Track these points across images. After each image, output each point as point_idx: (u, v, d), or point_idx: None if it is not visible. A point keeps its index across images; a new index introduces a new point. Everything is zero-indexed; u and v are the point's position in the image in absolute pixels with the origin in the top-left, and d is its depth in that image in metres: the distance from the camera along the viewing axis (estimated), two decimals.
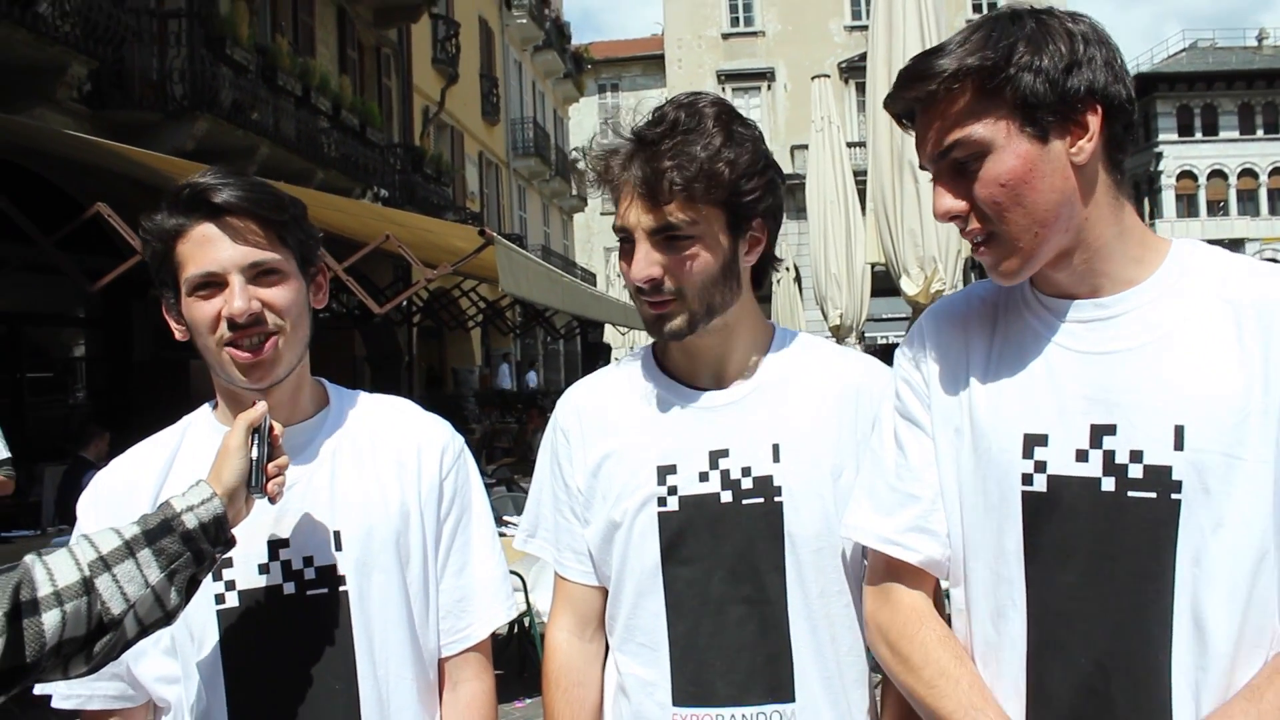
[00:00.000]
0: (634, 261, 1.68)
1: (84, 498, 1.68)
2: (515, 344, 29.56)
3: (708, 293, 1.68)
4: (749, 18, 39.00)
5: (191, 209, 1.57)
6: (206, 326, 1.56)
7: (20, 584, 1.27)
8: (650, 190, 1.63)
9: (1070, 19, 1.41)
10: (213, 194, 1.56)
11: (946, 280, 5.96)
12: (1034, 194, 1.38)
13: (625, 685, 1.77)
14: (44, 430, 12.31)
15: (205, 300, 1.56)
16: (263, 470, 1.49)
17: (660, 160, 1.62)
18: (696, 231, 1.65)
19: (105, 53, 10.77)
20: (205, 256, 1.55)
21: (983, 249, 1.45)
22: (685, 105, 1.68)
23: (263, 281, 1.58)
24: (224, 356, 1.57)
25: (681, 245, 1.65)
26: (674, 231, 1.65)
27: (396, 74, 22.13)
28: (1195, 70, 48.25)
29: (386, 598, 1.65)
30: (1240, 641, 1.33)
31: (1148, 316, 1.42)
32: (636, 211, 1.67)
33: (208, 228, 1.56)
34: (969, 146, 1.39)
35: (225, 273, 1.55)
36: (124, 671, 1.62)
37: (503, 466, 12.81)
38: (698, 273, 1.66)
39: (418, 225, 10.70)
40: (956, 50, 1.40)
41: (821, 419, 1.74)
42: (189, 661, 1.60)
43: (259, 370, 1.58)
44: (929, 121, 1.44)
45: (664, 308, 1.69)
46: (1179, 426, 1.35)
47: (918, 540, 1.56)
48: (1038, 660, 1.43)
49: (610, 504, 1.76)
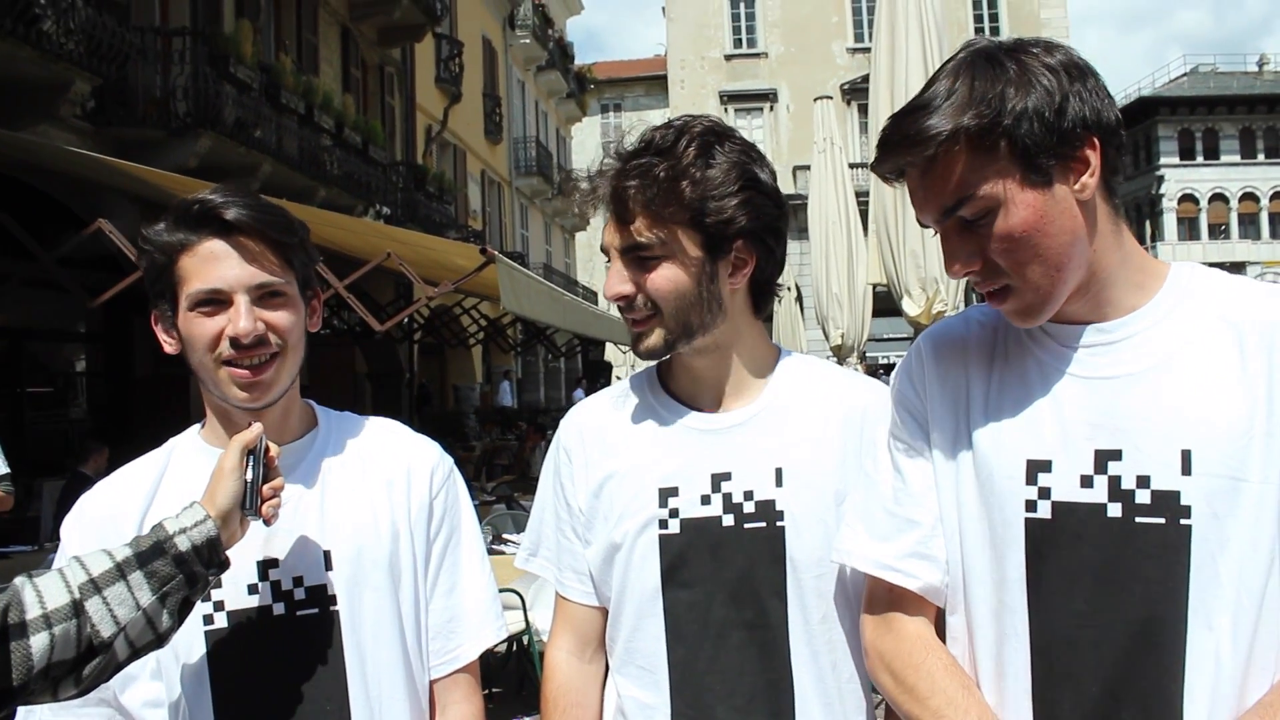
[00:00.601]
0: (608, 278, 1.71)
1: (68, 521, 1.65)
2: (516, 361, 29.56)
3: (683, 312, 1.67)
4: (751, 39, 39.17)
5: (201, 224, 1.55)
6: (206, 344, 1.55)
7: (9, 606, 1.25)
8: (616, 211, 1.66)
9: (1045, 51, 1.38)
10: (224, 211, 1.54)
11: (948, 301, 5.96)
12: (1048, 240, 1.35)
13: (625, 708, 1.75)
14: (44, 445, 12.31)
15: (207, 317, 1.55)
16: (257, 492, 1.47)
17: (624, 179, 1.64)
18: (665, 251, 1.65)
19: (109, 70, 10.81)
20: (211, 273, 1.54)
21: (998, 299, 1.42)
22: (674, 127, 1.69)
23: (268, 303, 1.57)
24: (221, 374, 1.56)
25: (651, 264, 1.66)
26: (642, 251, 1.65)
27: (400, 93, 22.21)
28: (1197, 94, 48.45)
29: (378, 618, 1.64)
30: (1250, 663, 1.31)
31: (1150, 341, 1.40)
32: (610, 231, 1.69)
33: (216, 244, 1.55)
34: (976, 206, 1.36)
35: (231, 291, 1.54)
36: (110, 698, 1.59)
37: (502, 484, 12.79)
38: (669, 292, 1.66)
39: (419, 243, 10.71)
40: (945, 108, 1.35)
41: (825, 443, 1.72)
42: (175, 683, 1.57)
43: (257, 390, 1.56)
44: (928, 184, 1.40)
45: (641, 325, 1.70)
46: (1185, 451, 1.34)
47: (917, 566, 1.53)
48: (1045, 689, 1.40)
49: (611, 525, 1.75)
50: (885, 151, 1.42)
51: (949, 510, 1.52)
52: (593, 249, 42.19)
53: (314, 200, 14.27)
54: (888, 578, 1.54)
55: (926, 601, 1.54)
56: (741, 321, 1.76)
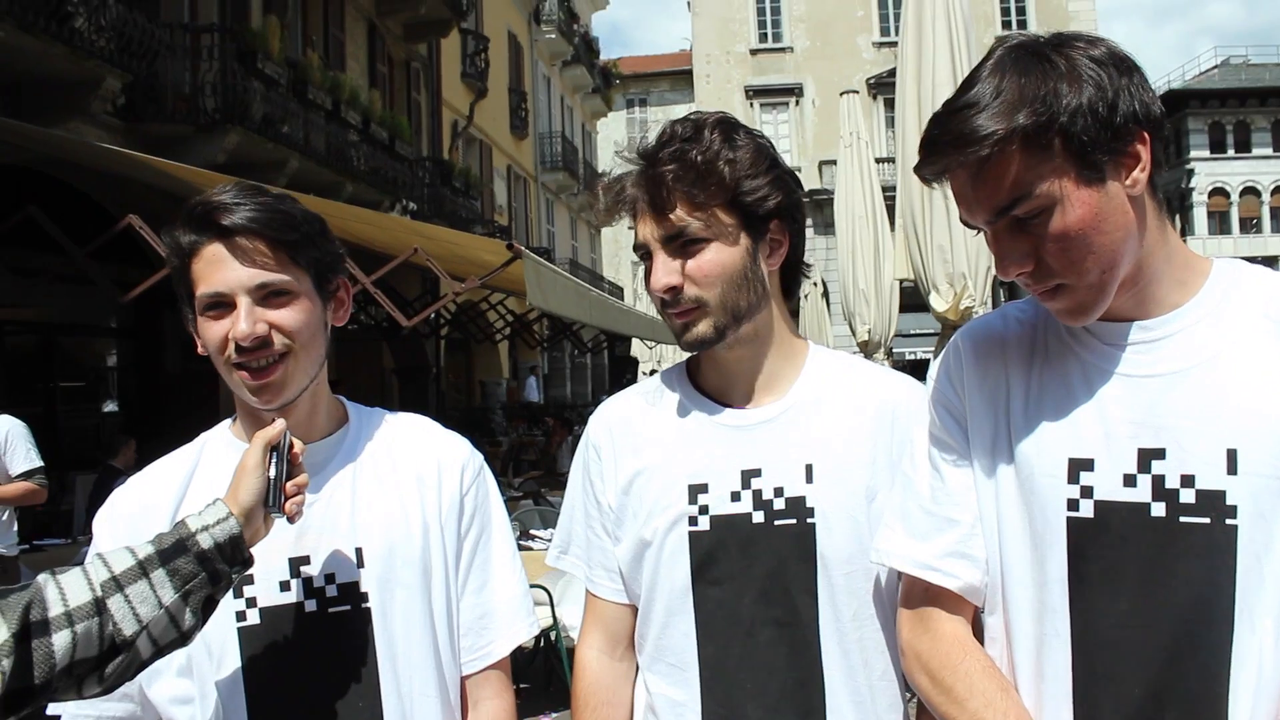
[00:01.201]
0: (653, 272, 1.68)
1: (100, 515, 1.66)
2: (543, 357, 29.60)
3: (730, 296, 1.66)
4: (777, 34, 39.01)
5: (202, 228, 1.55)
6: (216, 347, 1.55)
7: (31, 604, 1.25)
8: (654, 199, 1.65)
9: (1089, 45, 1.36)
10: (221, 215, 1.54)
11: (976, 296, 5.92)
12: (1103, 238, 1.33)
13: (655, 705, 1.75)
14: (76, 439, 12.43)
15: (215, 321, 1.55)
16: (281, 489, 1.47)
17: (659, 167, 1.64)
18: (708, 233, 1.65)
19: (139, 67, 10.91)
20: (214, 277, 1.54)
21: (1050, 298, 1.40)
22: (689, 120, 1.70)
23: (272, 303, 1.56)
24: (235, 377, 1.56)
25: (695, 249, 1.65)
26: (685, 235, 1.65)
27: (426, 88, 22.27)
28: (1228, 87, 47.93)
29: (409, 615, 1.64)
30: None
31: (1194, 338, 1.38)
32: (648, 224, 1.68)
33: (217, 248, 1.54)
34: (1031, 205, 1.33)
35: (233, 294, 1.53)
36: (135, 692, 1.59)
37: (529, 480, 12.82)
38: (716, 275, 1.65)
39: (446, 238, 10.74)
40: (995, 106, 1.32)
41: (856, 439, 1.71)
42: (207, 680, 1.57)
43: (268, 392, 1.56)
44: (980, 185, 1.36)
45: (688, 316, 1.67)
46: (1231, 450, 1.32)
47: (957, 566, 1.51)
48: (1086, 691, 1.38)
49: (641, 522, 1.74)
50: (932, 153, 1.39)
51: (988, 509, 1.50)
52: (619, 244, 42.24)
53: (340, 195, 14.34)
54: (927, 577, 1.53)
55: (964, 601, 1.52)
56: (777, 308, 1.76)
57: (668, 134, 1.69)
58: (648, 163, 1.67)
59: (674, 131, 1.68)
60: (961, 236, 5.80)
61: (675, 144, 1.66)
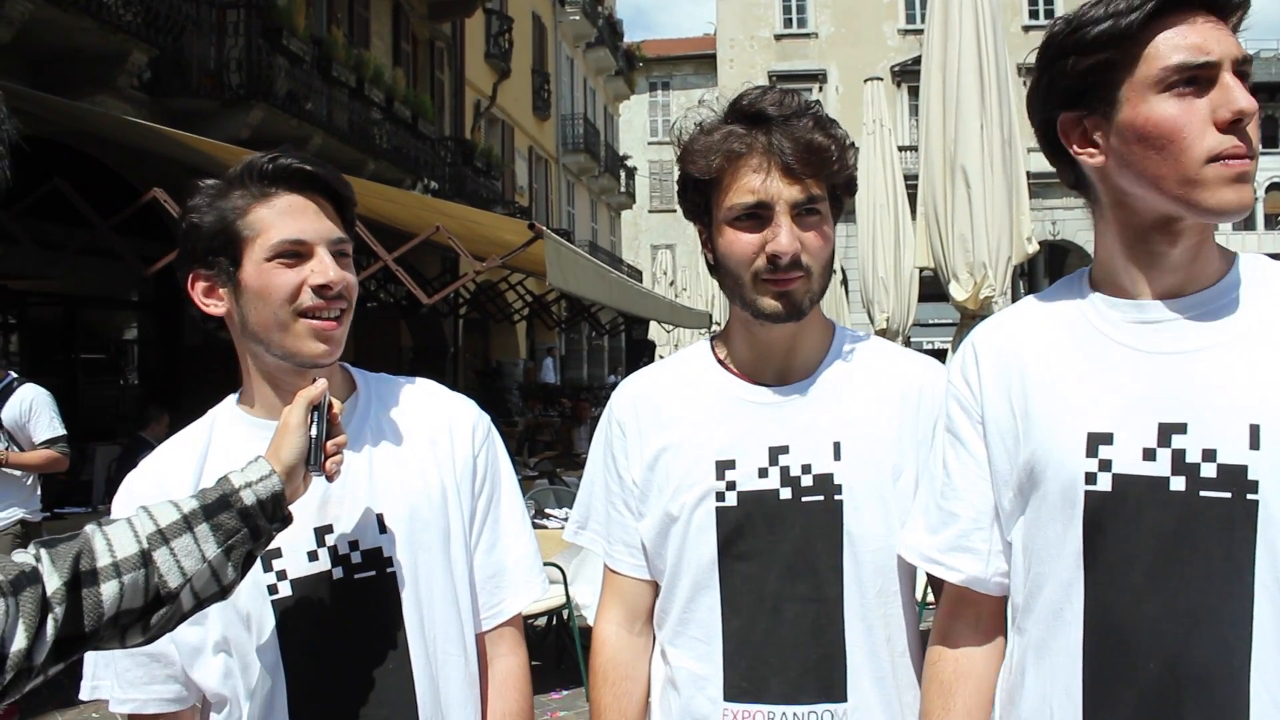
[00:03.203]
0: (778, 234, 1.63)
1: (118, 498, 1.68)
2: (560, 338, 29.64)
3: (826, 273, 1.69)
4: (802, 19, 38.82)
5: (278, 179, 1.58)
6: (287, 294, 1.55)
7: (80, 553, 1.28)
8: (801, 161, 1.62)
9: None
10: (304, 168, 1.58)
11: (996, 286, 5.91)
12: None
13: (675, 679, 1.77)
14: (97, 410, 12.54)
15: (288, 268, 1.56)
16: (321, 448, 1.48)
17: (811, 134, 1.63)
18: (825, 209, 1.67)
19: (165, 41, 10.93)
20: (294, 225, 1.56)
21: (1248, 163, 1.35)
22: (780, 90, 1.70)
23: (340, 261, 1.60)
24: (299, 327, 1.56)
25: (813, 221, 1.66)
26: (812, 206, 1.65)
27: (449, 67, 22.26)
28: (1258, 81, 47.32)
29: (432, 577, 1.66)
30: None
31: (1218, 318, 1.40)
32: (778, 184, 1.63)
33: (295, 198, 1.58)
34: (1250, 69, 1.36)
35: (314, 243, 1.56)
36: (179, 673, 1.62)
37: (545, 460, 12.86)
38: (824, 252, 1.68)
39: (467, 217, 10.75)
40: None
41: (884, 418, 1.72)
42: (248, 653, 1.59)
43: (331, 343, 1.58)
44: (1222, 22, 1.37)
45: (792, 284, 1.66)
46: (1255, 425, 1.33)
47: (958, 559, 1.57)
48: (1098, 665, 1.40)
49: (667, 497, 1.76)
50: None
51: (1005, 490, 1.52)
52: (638, 228, 42.19)
53: (363, 173, 14.36)
54: (930, 570, 1.61)
55: (984, 596, 1.58)
56: None
57: (785, 101, 1.67)
58: (783, 123, 1.64)
59: (787, 100, 1.67)
60: (983, 226, 5.79)
61: (806, 114, 1.66)
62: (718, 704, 1.70)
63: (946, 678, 1.59)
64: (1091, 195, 1.50)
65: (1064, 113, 1.46)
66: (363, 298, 15.86)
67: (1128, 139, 1.39)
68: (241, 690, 1.61)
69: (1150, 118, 1.35)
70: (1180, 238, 1.40)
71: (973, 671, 1.58)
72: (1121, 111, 1.38)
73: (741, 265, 1.68)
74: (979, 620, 1.60)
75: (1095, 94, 1.41)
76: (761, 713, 1.67)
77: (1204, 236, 1.41)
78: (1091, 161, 1.45)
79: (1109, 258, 1.49)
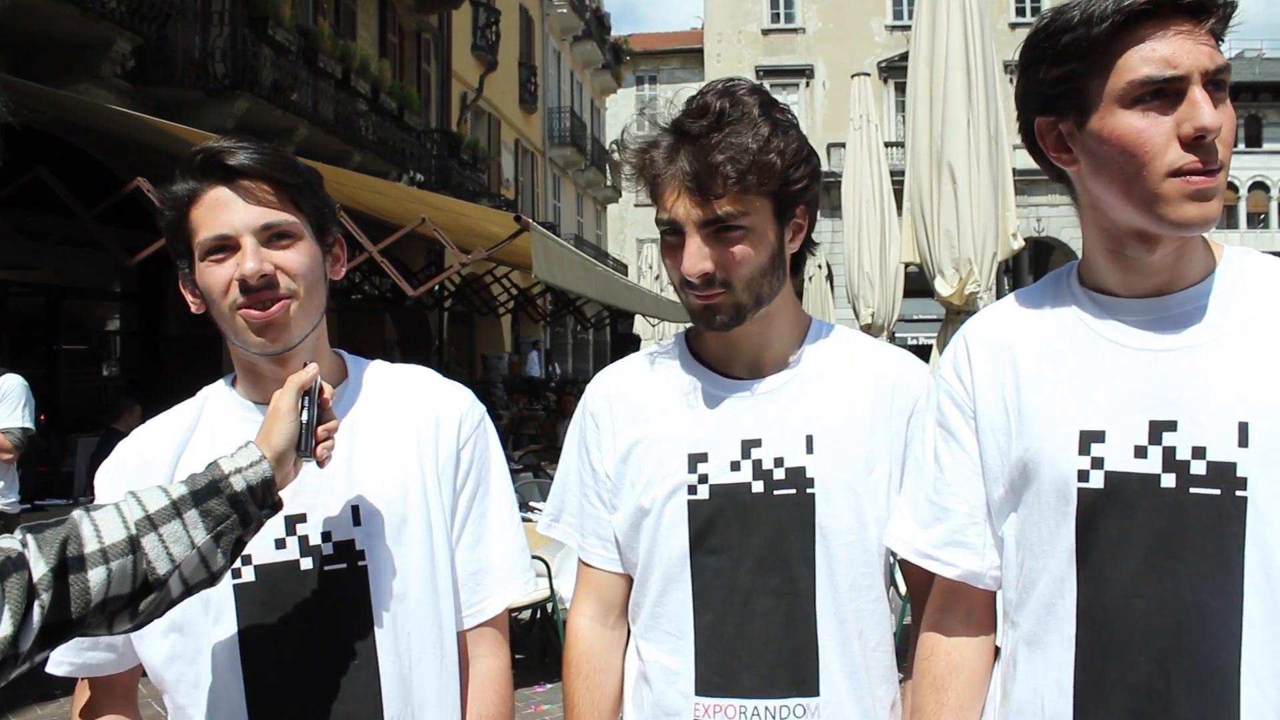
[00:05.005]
0: (685, 255, 1.64)
1: (102, 469, 1.66)
2: (545, 332, 29.61)
3: (756, 283, 1.66)
4: (789, 14, 38.86)
5: (205, 173, 1.55)
6: (220, 291, 1.53)
7: (68, 539, 1.26)
8: (701, 184, 1.60)
9: None
10: (226, 157, 1.54)
11: (981, 282, 5.92)
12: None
13: (647, 673, 1.76)
14: (78, 401, 12.47)
15: (218, 264, 1.53)
16: (312, 433, 1.46)
17: (711, 154, 1.59)
18: (747, 223, 1.63)
19: (149, 30, 10.88)
20: (218, 219, 1.53)
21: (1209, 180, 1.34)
22: (726, 94, 1.64)
23: (276, 245, 1.55)
24: (238, 322, 1.54)
25: (732, 238, 1.63)
26: (724, 224, 1.62)
27: (436, 59, 22.20)
28: (1241, 80, 47.56)
29: (406, 573, 1.62)
30: None
31: (1207, 315, 1.40)
32: (685, 205, 1.63)
33: (221, 191, 1.54)
34: (1226, 77, 1.35)
35: (238, 235, 1.53)
36: (118, 642, 1.60)
37: (529, 453, 12.86)
38: (747, 264, 1.64)
39: (453, 209, 10.73)
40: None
41: (857, 412, 1.72)
42: (201, 637, 1.57)
43: (271, 330, 1.54)
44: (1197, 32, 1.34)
45: (713, 299, 1.66)
46: (1243, 423, 1.34)
47: (953, 554, 1.57)
48: (1090, 659, 1.41)
49: (639, 490, 1.75)
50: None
51: (998, 487, 1.53)
52: (624, 221, 42.17)
53: (348, 165, 14.31)
54: (926, 565, 1.60)
55: (976, 590, 1.58)
56: (786, 288, 1.76)
57: (714, 111, 1.62)
58: (694, 141, 1.62)
59: (721, 109, 1.62)
60: (969, 222, 5.80)
61: (725, 126, 1.61)
62: (689, 698, 1.69)
63: (939, 672, 1.59)
64: (1074, 194, 1.51)
65: (1039, 117, 1.47)
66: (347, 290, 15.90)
67: (1095, 149, 1.39)
68: (186, 675, 1.58)
69: (1115, 131, 1.35)
70: (1158, 244, 1.40)
71: (965, 666, 1.58)
72: (1091, 120, 1.38)
73: (673, 278, 1.72)
74: (971, 615, 1.60)
75: (1068, 101, 1.41)
76: (734, 707, 1.66)
77: (1184, 240, 1.41)
78: (1066, 167, 1.46)
79: (1094, 256, 1.49)
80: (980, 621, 1.60)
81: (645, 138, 1.69)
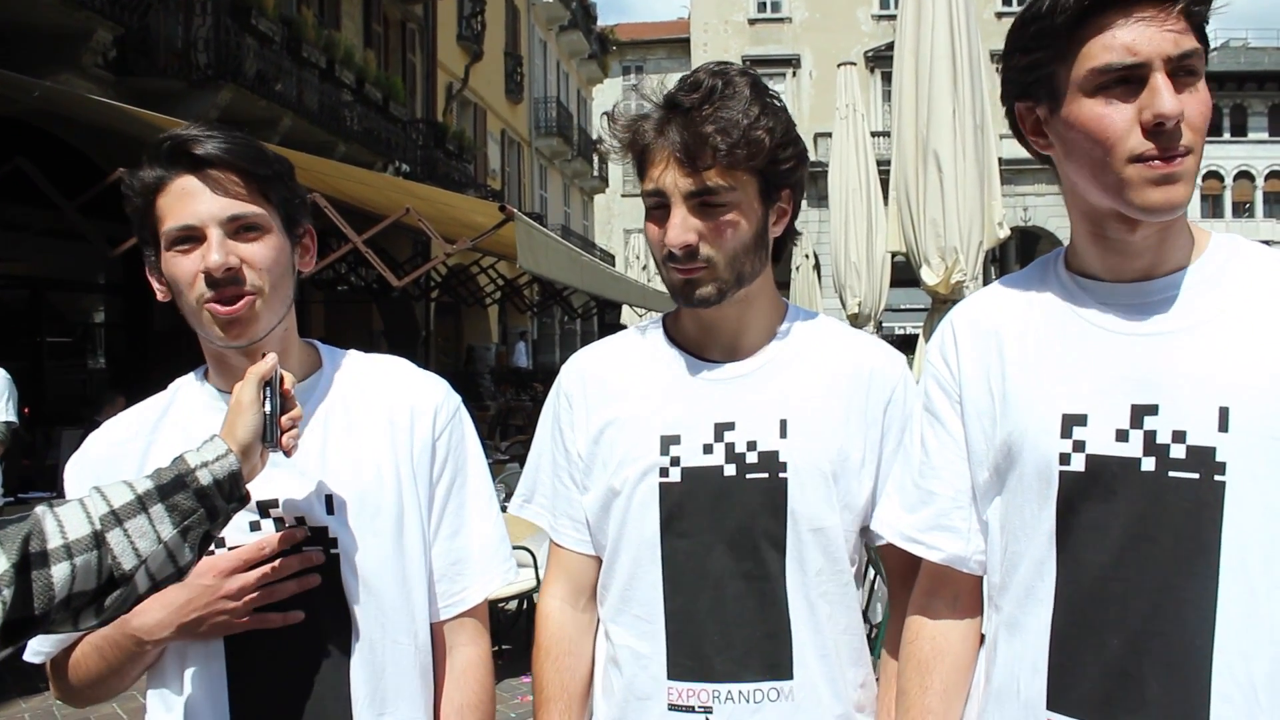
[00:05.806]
0: (669, 226, 1.64)
1: (71, 462, 1.65)
2: (532, 322, 29.58)
3: (739, 261, 1.66)
4: (776, 4, 38.85)
5: (172, 161, 1.53)
6: (186, 283, 1.52)
7: (30, 535, 1.24)
8: (691, 155, 1.60)
9: None
10: (194, 146, 1.52)
11: (967, 271, 5.93)
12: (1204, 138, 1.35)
13: (618, 657, 1.75)
14: (63, 394, 12.41)
15: (184, 255, 1.52)
16: (276, 424, 1.46)
17: (702, 125, 1.60)
18: (733, 198, 1.63)
19: (131, 19, 10.81)
20: (184, 209, 1.51)
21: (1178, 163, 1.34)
22: (719, 73, 1.66)
23: (242, 237, 1.54)
24: (204, 314, 1.53)
25: (718, 211, 1.63)
26: (712, 197, 1.62)
27: (421, 49, 22.11)
28: (1226, 70, 47.82)
29: (380, 562, 1.62)
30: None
31: (1191, 301, 1.41)
32: (674, 175, 1.63)
33: (188, 180, 1.52)
34: (1196, 62, 1.34)
35: (204, 226, 1.51)
36: None
37: (516, 443, 12.84)
38: (732, 240, 1.64)
39: (438, 199, 10.70)
40: None
41: (832, 398, 1.72)
42: None
43: (236, 326, 1.53)
44: (1165, 15, 1.32)
45: (694, 274, 1.66)
46: (1224, 408, 1.34)
47: (939, 538, 1.58)
48: (1065, 641, 1.41)
49: (610, 471, 1.74)
50: None
51: (983, 470, 1.53)
52: (611, 212, 42.11)
53: (333, 155, 14.26)
54: (911, 549, 1.62)
55: (962, 575, 1.59)
56: (767, 272, 1.77)
57: (706, 87, 1.64)
58: (685, 113, 1.62)
59: (713, 86, 1.64)
60: (955, 211, 5.80)
61: (716, 101, 1.62)
62: (661, 683, 1.69)
63: (924, 656, 1.60)
64: (1059, 177, 1.52)
65: (1018, 103, 1.49)
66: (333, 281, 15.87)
67: (1065, 135, 1.41)
68: (168, 663, 1.58)
69: (1080, 118, 1.37)
70: (1138, 226, 1.40)
71: (950, 650, 1.59)
72: (1062, 107, 1.40)
73: (655, 252, 1.71)
74: (956, 599, 1.61)
75: (1040, 88, 1.43)
76: (706, 691, 1.66)
77: (1164, 224, 1.41)
78: (1044, 151, 1.49)
79: (1080, 239, 1.50)
80: (966, 606, 1.61)
81: (636, 112, 1.70)
